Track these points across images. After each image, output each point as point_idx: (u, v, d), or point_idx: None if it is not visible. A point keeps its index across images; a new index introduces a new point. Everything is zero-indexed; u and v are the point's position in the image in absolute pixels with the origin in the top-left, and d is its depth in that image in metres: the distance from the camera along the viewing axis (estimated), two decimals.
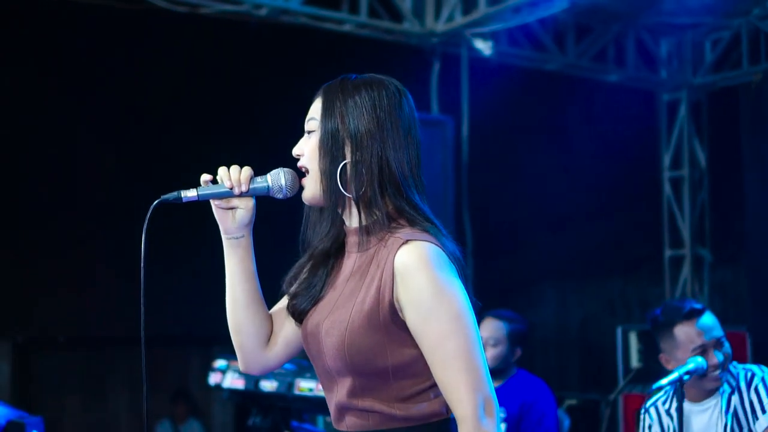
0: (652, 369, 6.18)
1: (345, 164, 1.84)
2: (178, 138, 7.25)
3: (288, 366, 3.96)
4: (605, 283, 8.59)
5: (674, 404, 3.16)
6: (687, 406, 3.13)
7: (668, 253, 7.54)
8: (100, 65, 6.88)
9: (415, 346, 1.80)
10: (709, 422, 3.11)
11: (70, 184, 7.23)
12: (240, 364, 2.02)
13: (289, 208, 1.99)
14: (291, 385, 3.83)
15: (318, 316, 1.88)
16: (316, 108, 1.91)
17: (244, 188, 1.87)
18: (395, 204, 1.85)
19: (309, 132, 1.91)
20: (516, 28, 6.31)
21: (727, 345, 3.12)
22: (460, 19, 6.09)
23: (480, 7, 6.00)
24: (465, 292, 1.81)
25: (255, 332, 1.97)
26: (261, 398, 4.07)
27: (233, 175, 1.87)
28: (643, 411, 3.28)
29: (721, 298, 7.56)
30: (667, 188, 7.54)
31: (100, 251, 7.40)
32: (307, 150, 1.90)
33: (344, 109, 1.86)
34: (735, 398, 3.09)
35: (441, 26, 6.13)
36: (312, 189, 1.89)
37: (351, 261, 1.90)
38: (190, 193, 1.86)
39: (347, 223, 1.91)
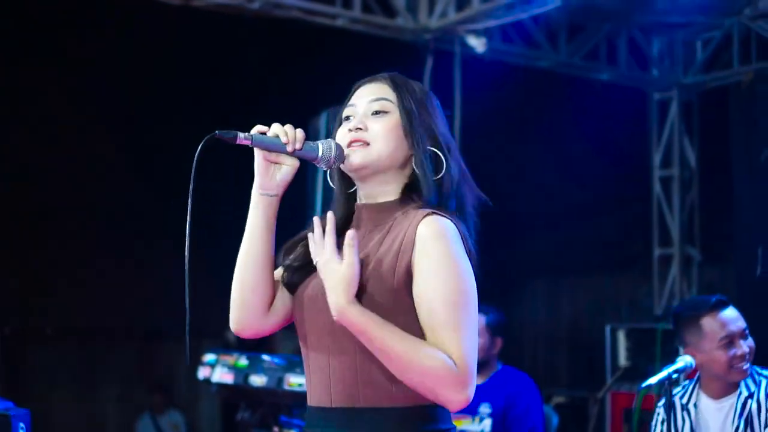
0: (640, 367, 6.22)
1: (427, 150, 1.96)
2: (170, 130, 7.23)
3: (278, 361, 3.96)
4: (595, 280, 8.61)
5: (692, 399, 3.21)
6: (705, 401, 3.19)
7: (657, 251, 7.56)
8: (92, 56, 6.86)
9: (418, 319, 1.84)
10: (724, 422, 3.15)
11: (61, 176, 7.21)
12: (235, 323, 2.01)
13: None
14: (281, 380, 3.83)
15: (318, 279, 1.90)
16: (384, 91, 1.99)
17: (298, 146, 1.91)
18: (437, 192, 1.95)
19: (377, 112, 1.97)
20: (509, 26, 6.31)
21: (750, 338, 3.17)
22: (453, 16, 6.10)
23: (473, 3, 6.00)
24: (472, 273, 1.87)
25: (265, 292, 1.98)
26: (250, 393, 4.07)
27: (290, 132, 1.92)
28: (659, 404, 3.30)
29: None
30: (657, 187, 7.55)
31: (90, 242, 7.39)
32: (376, 127, 1.95)
33: (417, 99, 1.97)
34: (752, 404, 3.12)
35: (434, 22, 6.13)
36: (371, 158, 1.93)
37: (360, 234, 1.94)
38: (246, 137, 1.89)
39: (368, 200, 1.99)
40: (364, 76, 2.09)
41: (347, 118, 2.00)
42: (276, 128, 1.92)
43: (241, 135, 1.88)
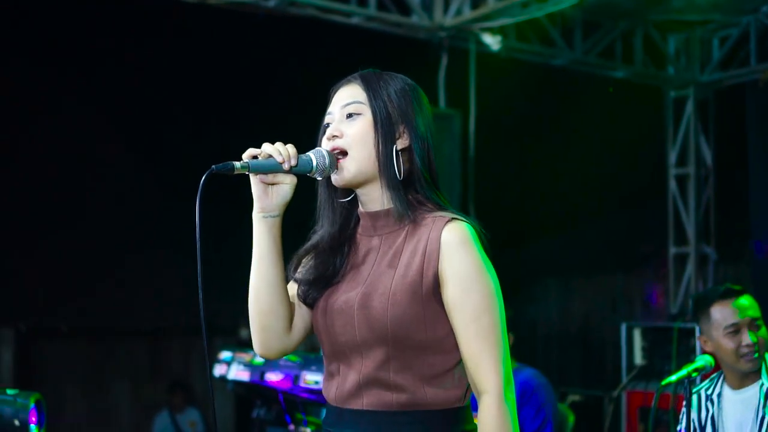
0: (656, 366, 6.20)
1: (396, 147, 1.92)
2: (184, 129, 7.24)
3: (294, 358, 3.96)
4: (609, 279, 8.58)
5: (716, 390, 3.22)
6: (726, 392, 3.21)
7: (673, 250, 7.53)
8: (107, 55, 6.87)
9: (447, 322, 1.86)
10: (745, 412, 3.14)
11: (74, 173, 7.23)
12: (260, 347, 2.01)
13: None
14: (297, 378, 3.83)
15: (345, 293, 1.92)
16: (355, 92, 1.96)
17: (293, 162, 1.89)
18: (429, 189, 1.94)
19: (350, 115, 1.94)
20: (524, 23, 6.29)
21: (764, 329, 3.17)
22: (468, 14, 6.08)
23: (488, 1, 5.99)
24: (495, 273, 1.88)
25: (284, 314, 1.98)
26: (266, 390, 4.07)
27: (283, 151, 1.89)
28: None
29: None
30: (673, 185, 7.52)
31: (104, 241, 7.40)
32: (351, 132, 1.93)
33: (390, 94, 1.94)
34: None
35: (449, 20, 6.12)
36: (354, 170, 1.92)
37: (374, 242, 1.95)
38: (242, 165, 1.85)
39: (370, 206, 1.97)
40: None
41: (327, 125, 1.98)
42: (268, 148, 1.89)
43: (237, 164, 1.84)
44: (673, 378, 3.00)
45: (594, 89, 7.39)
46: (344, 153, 1.92)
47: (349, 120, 1.93)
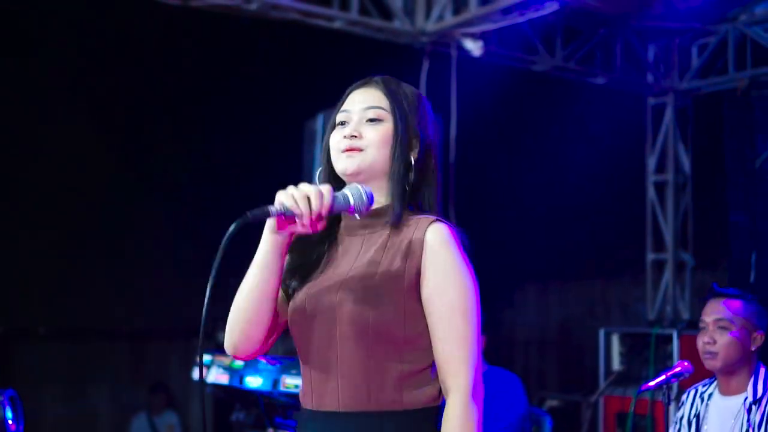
0: (633, 372, 6.23)
1: (412, 158, 1.99)
2: (166, 131, 7.22)
3: (274, 363, 3.96)
4: (587, 285, 8.63)
5: (709, 390, 3.29)
6: (716, 395, 3.26)
7: (651, 256, 7.57)
8: (89, 56, 6.85)
9: (424, 320, 1.90)
10: (726, 420, 3.17)
11: (54, 175, 7.19)
12: (232, 348, 1.99)
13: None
14: (276, 382, 3.83)
15: (324, 290, 1.94)
16: (378, 97, 2.01)
17: (324, 212, 1.83)
18: (429, 197, 2.01)
19: (373, 120, 1.99)
20: (505, 29, 6.31)
21: (735, 333, 3.19)
22: (450, 19, 6.10)
23: (470, 7, 6.01)
24: (474, 276, 1.93)
25: (269, 324, 1.99)
26: (245, 394, 4.07)
27: (314, 201, 1.80)
28: (686, 391, 3.40)
29: (702, 302, 7.60)
30: (651, 192, 7.57)
31: (84, 243, 7.37)
32: (371, 136, 1.97)
33: (409, 106, 2.01)
34: (756, 411, 3.13)
35: (431, 26, 6.14)
36: (365, 165, 1.96)
37: (355, 241, 1.99)
38: (278, 211, 1.80)
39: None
40: (361, 78, 2.09)
41: (342, 123, 2.01)
42: (301, 201, 1.80)
43: (272, 210, 1.78)
44: (651, 383, 3.04)
45: (574, 96, 7.43)
46: (360, 151, 1.97)
47: (370, 124, 1.99)
